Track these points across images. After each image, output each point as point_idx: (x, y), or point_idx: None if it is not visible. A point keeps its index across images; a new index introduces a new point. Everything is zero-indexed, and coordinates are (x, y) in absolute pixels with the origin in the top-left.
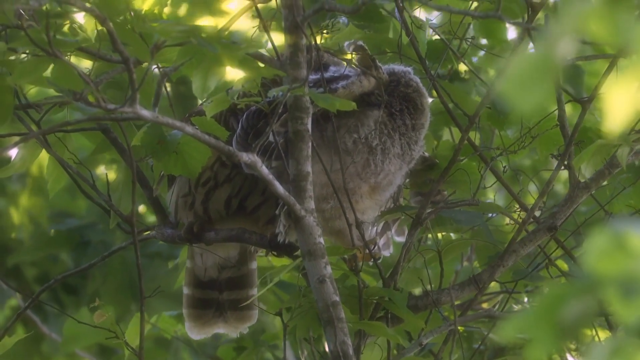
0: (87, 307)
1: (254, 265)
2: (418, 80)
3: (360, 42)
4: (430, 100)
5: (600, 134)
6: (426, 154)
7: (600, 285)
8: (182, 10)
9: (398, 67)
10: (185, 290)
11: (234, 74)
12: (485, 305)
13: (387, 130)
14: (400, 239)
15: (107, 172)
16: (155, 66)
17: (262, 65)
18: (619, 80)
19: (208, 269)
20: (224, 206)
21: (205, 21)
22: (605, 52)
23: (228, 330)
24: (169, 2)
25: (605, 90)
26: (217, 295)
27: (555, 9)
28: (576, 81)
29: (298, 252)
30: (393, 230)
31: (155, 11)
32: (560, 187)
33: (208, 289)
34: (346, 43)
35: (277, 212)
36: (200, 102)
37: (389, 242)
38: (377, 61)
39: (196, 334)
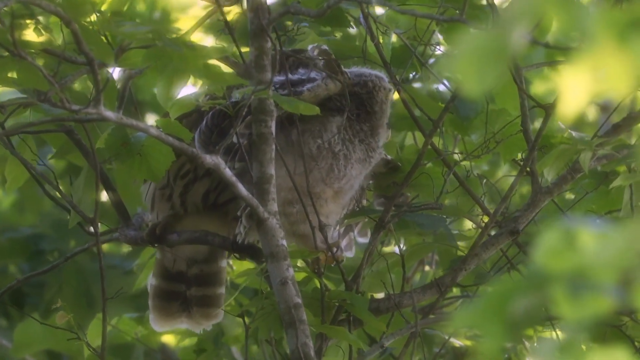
0: (40, 314)
1: (224, 263)
2: (378, 78)
3: (325, 47)
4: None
5: (563, 139)
6: (388, 157)
7: (549, 281)
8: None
9: (359, 70)
10: (153, 282)
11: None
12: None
13: (348, 135)
14: (363, 240)
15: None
16: (121, 70)
17: (227, 69)
18: (572, 69)
19: (177, 261)
20: (201, 199)
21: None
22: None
23: (191, 325)
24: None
25: (559, 81)
26: (183, 289)
27: None
28: None
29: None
30: (356, 232)
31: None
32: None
33: (175, 282)
34: (310, 47)
35: (238, 213)
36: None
37: (352, 243)
38: (341, 65)
39: (159, 326)
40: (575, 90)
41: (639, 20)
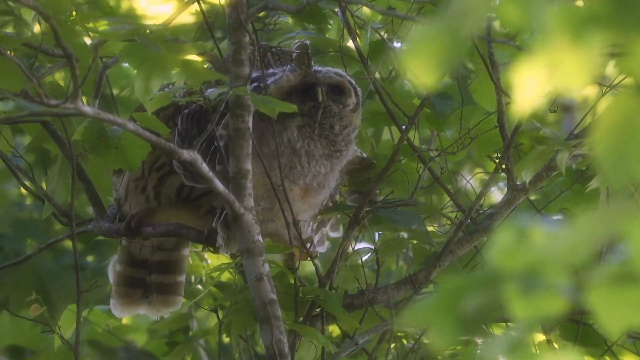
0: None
1: (186, 252)
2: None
3: (307, 42)
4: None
5: (539, 137)
6: (363, 155)
7: (501, 279)
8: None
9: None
10: (118, 268)
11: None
12: None
13: (308, 132)
14: (336, 235)
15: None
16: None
17: (205, 64)
18: (527, 62)
19: (144, 248)
20: (175, 192)
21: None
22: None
23: (150, 312)
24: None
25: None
26: (146, 276)
27: None
28: None
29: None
30: (328, 227)
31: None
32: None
33: (140, 268)
34: (294, 43)
35: (213, 224)
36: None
37: (324, 238)
38: (311, 58)
39: (120, 312)
40: (530, 85)
41: (595, 16)
